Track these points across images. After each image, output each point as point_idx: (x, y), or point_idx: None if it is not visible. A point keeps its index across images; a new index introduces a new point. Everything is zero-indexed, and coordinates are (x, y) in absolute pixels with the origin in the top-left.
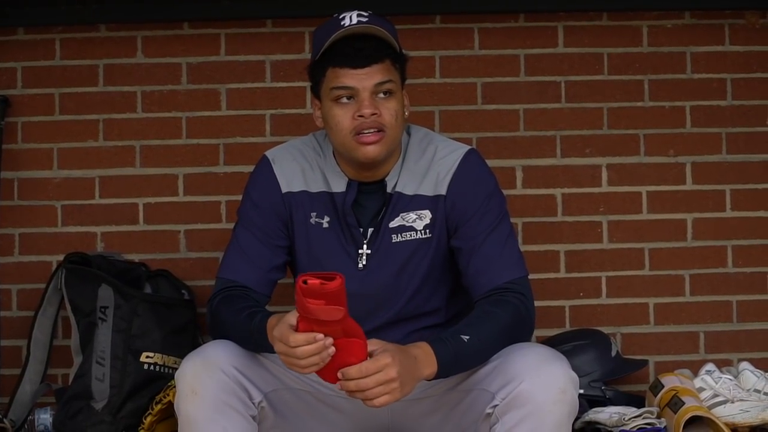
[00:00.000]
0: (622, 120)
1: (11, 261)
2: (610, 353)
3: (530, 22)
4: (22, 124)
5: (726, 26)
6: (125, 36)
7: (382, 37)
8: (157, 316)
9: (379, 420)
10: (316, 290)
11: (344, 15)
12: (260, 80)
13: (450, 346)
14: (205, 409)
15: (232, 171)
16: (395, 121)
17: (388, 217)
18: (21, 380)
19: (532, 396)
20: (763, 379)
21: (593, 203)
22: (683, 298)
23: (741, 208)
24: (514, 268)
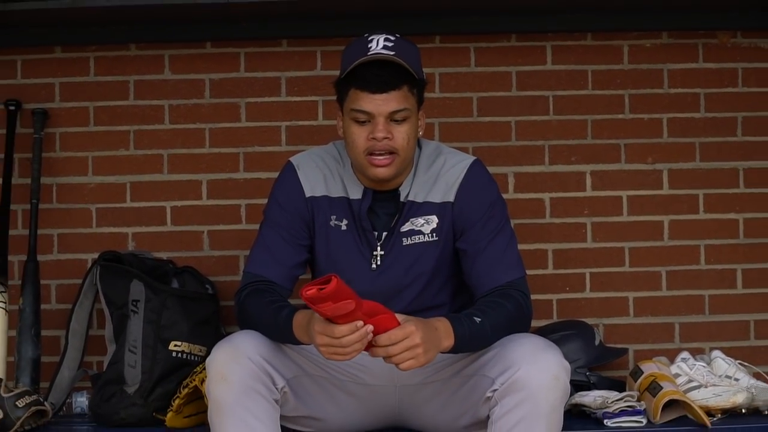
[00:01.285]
0: (604, 131)
1: (50, 259)
2: (593, 342)
3: (521, 41)
4: (59, 135)
5: (699, 45)
6: (153, 54)
7: (401, 64)
8: (183, 309)
9: (388, 403)
10: (317, 297)
11: (372, 38)
12: (276, 95)
13: (465, 325)
14: (233, 393)
15: (251, 177)
16: (407, 144)
17: (401, 223)
18: (60, 367)
19: (528, 382)
20: (734, 366)
21: (578, 206)
22: (660, 292)
23: (713, 211)
24: (514, 270)
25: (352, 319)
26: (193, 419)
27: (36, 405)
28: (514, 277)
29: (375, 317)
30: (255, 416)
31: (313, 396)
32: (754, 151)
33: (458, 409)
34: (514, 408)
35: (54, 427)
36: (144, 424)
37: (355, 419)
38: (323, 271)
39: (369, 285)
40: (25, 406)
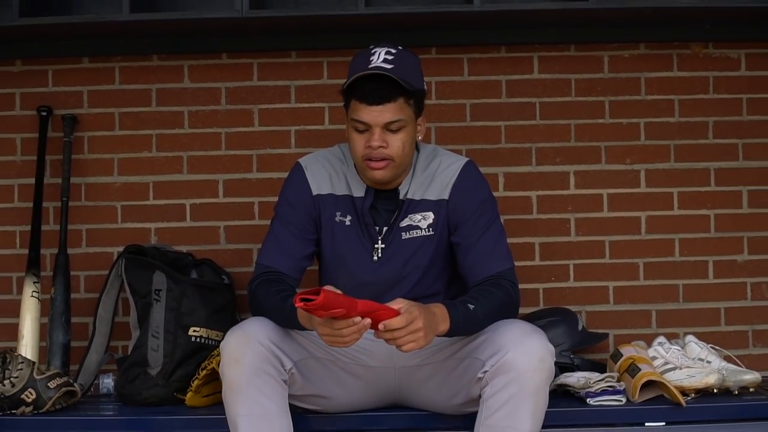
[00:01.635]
0: (586, 134)
1: (79, 252)
2: (577, 328)
3: (510, 53)
4: (87, 138)
5: (674, 55)
6: (174, 65)
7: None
8: (202, 297)
9: (388, 383)
10: (308, 309)
11: (375, 51)
12: (286, 102)
13: (460, 311)
14: (245, 375)
15: (263, 177)
16: (401, 151)
17: (400, 219)
18: (88, 351)
19: (516, 364)
20: (706, 350)
21: (562, 203)
22: (638, 281)
23: (686, 207)
24: (504, 261)
25: (348, 318)
26: (211, 398)
27: (66, 386)
28: (504, 267)
29: (372, 314)
30: (265, 395)
31: (318, 377)
32: (724, 152)
33: (452, 388)
34: (503, 388)
35: (82, 407)
36: (165, 403)
37: (358, 398)
38: (329, 262)
39: (371, 275)
40: (56, 387)
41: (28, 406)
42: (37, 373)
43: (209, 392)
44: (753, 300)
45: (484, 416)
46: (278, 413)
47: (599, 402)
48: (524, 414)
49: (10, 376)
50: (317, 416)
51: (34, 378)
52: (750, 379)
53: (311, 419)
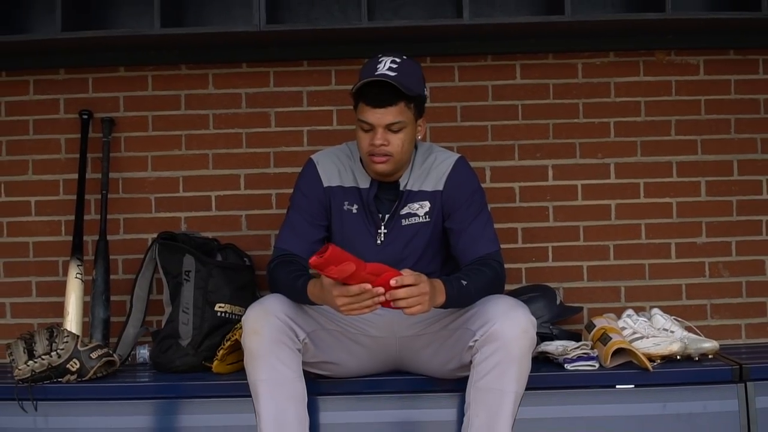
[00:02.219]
0: (563, 132)
1: (118, 238)
2: (555, 302)
3: (495, 61)
4: (124, 139)
5: (641, 62)
6: (200, 73)
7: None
8: (226, 277)
9: (389, 351)
10: (320, 263)
11: (382, 59)
12: (299, 105)
13: (455, 286)
14: (264, 344)
15: (279, 172)
16: (401, 149)
17: (400, 207)
18: (125, 325)
19: (502, 333)
20: (669, 321)
21: (542, 193)
22: (608, 261)
23: (651, 196)
24: (492, 244)
25: (360, 280)
26: (234, 366)
27: (106, 357)
28: (492, 249)
29: (381, 275)
30: (282, 362)
31: (328, 346)
32: (684, 148)
33: (446, 355)
34: (491, 355)
35: (121, 375)
36: (195, 370)
37: (363, 364)
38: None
39: (375, 257)
40: (98, 357)
41: (72, 374)
42: (81, 345)
43: (233, 360)
44: (710, 277)
45: (475, 379)
46: (293, 378)
47: (575, 367)
48: (510, 377)
49: (57, 348)
50: (327, 381)
51: (78, 350)
52: (709, 347)
53: (322, 383)
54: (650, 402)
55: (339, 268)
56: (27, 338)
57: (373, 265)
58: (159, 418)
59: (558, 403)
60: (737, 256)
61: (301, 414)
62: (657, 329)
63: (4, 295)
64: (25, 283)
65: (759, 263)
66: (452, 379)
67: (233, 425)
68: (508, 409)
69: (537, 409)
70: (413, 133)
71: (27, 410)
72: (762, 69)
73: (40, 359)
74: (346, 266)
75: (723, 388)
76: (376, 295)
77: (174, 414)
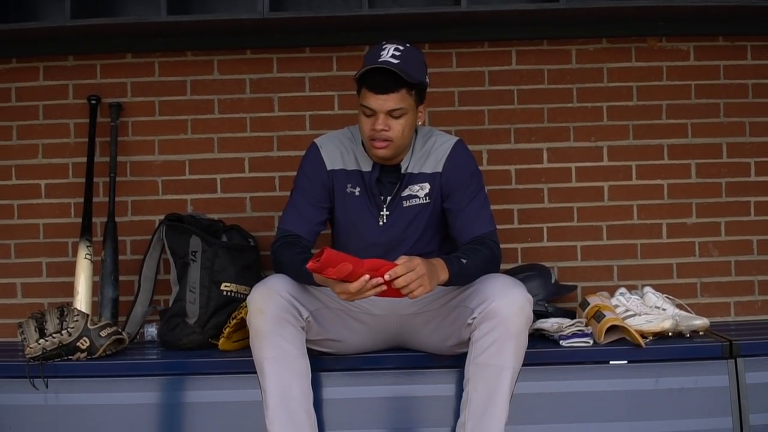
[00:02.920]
0: (557, 116)
1: (126, 220)
2: (550, 281)
3: (492, 47)
4: (131, 123)
5: (633, 48)
6: (205, 59)
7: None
8: (231, 258)
9: (390, 329)
10: (318, 267)
11: (386, 47)
12: (301, 90)
13: (455, 263)
14: (268, 323)
15: (282, 155)
16: (401, 134)
17: (401, 190)
18: (134, 304)
19: (500, 311)
20: (661, 299)
21: (537, 175)
22: (601, 241)
23: (643, 178)
24: (488, 224)
25: (359, 277)
26: (240, 343)
27: (115, 335)
28: (488, 230)
29: (379, 270)
30: (286, 340)
31: (331, 324)
32: (675, 131)
33: (445, 332)
34: (489, 332)
35: (130, 352)
36: (201, 348)
37: (364, 341)
38: (342, 227)
39: (377, 237)
40: (107, 335)
41: (82, 352)
42: (91, 323)
43: (238, 338)
44: (700, 257)
45: (474, 356)
46: (297, 355)
47: (570, 344)
48: (508, 353)
49: (67, 327)
50: (330, 357)
51: (88, 328)
52: (700, 324)
53: (325, 360)
54: (643, 377)
55: (337, 269)
56: (38, 317)
57: (370, 262)
58: (167, 395)
59: (553, 378)
60: (726, 236)
61: (305, 389)
62: (649, 307)
63: (15, 275)
64: (36, 264)
65: (747, 243)
66: (451, 356)
67: (239, 401)
68: (506, 384)
69: (533, 384)
70: (414, 119)
71: (38, 387)
72: (750, 55)
73: (51, 337)
74: (344, 267)
75: (714, 364)
76: (375, 285)
77: (181, 390)
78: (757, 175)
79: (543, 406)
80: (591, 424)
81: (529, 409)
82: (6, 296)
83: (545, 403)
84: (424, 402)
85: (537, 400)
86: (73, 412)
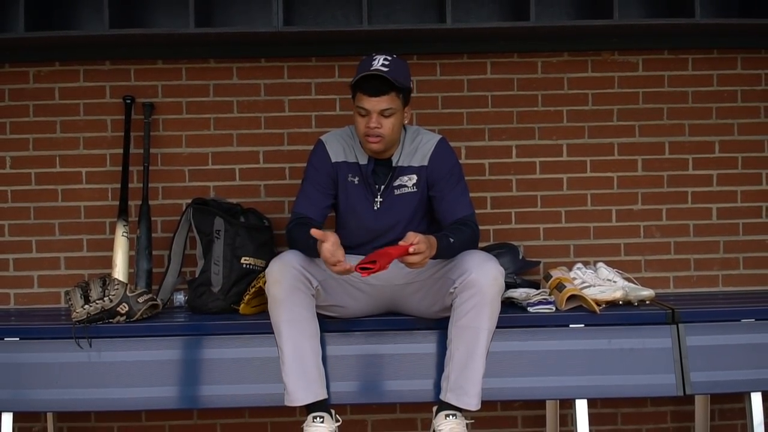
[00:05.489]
0: (525, 118)
1: (157, 203)
2: (518, 257)
3: (470, 59)
4: (162, 120)
5: (589, 61)
6: (226, 66)
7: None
8: (250, 236)
9: (385, 296)
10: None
11: (376, 57)
12: (308, 94)
13: (444, 241)
14: (284, 291)
15: (292, 149)
16: (391, 131)
17: (393, 180)
18: (165, 275)
19: (477, 281)
20: (612, 273)
21: (507, 168)
22: (561, 224)
23: (596, 171)
24: (468, 209)
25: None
26: (258, 308)
27: (150, 301)
28: (468, 213)
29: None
30: (299, 305)
31: (336, 292)
32: (625, 131)
33: (432, 300)
34: (468, 299)
35: (162, 316)
36: (224, 312)
37: (364, 307)
38: (343, 211)
39: (373, 221)
40: (144, 301)
41: (122, 316)
42: (129, 291)
43: (256, 304)
44: (645, 238)
45: (455, 319)
46: (309, 318)
47: (536, 310)
48: (484, 317)
49: (109, 294)
50: (335, 320)
51: (127, 295)
52: (646, 294)
53: (331, 323)
54: (598, 339)
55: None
56: (83, 286)
57: (382, 250)
58: (194, 352)
59: (522, 339)
60: (667, 221)
61: (315, 347)
62: (602, 279)
63: (59, 250)
64: (77, 240)
65: (685, 227)
66: (436, 319)
67: (256, 357)
68: (483, 343)
69: (505, 343)
70: (401, 118)
71: (83, 347)
72: (691, 66)
73: (95, 303)
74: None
75: (658, 329)
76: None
77: (207, 348)
78: (694, 169)
79: (514, 361)
80: (554, 377)
81: (502, 365)
82: (51, 268)
83: (516, 359)
84: (413, 358)
85: (509, 356)
86: (113, 367)
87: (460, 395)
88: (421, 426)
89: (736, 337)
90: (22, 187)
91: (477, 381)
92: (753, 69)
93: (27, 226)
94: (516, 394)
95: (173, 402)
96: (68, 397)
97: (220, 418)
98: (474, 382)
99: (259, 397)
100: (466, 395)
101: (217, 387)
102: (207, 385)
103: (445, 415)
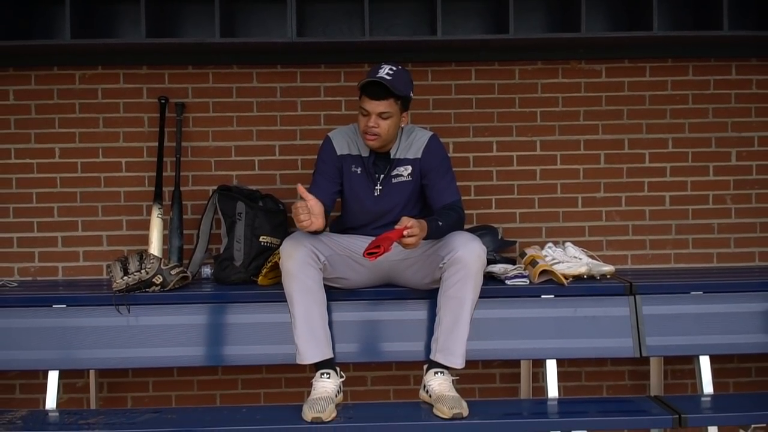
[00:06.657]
0: (504, 118)
1: (188, 189)
2: (498, 237)
3: (457, 66)
4: (192, 118)
5: (560, 69)
6: (247, 71)
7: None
8: (267, 218)
9: (382, 270)
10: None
11: (383, 66)
12: (318, 96)
13: (433, 224)
14: (296, 265)
15: (304, 143)
16: (387, 131)
17: (391, 170)
18: (194, 251)
19: (462, 258)
20: (578, 251)
21: (488, 161)
22: (534, 209)
23: (565, 164)
24: (456, 195)
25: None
26: (274, 280)
27: (182, 273)
28: (455, 198)
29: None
30: (309, 278)
31: (340, 266)
32: (589, 130)
33: (423, 273)
34: (455, 273)
35: (192, 286)
36: (245, 283)
37: (365, 279)
38: (348, 197)
39: (373, 205)
40: (176, 274)
41: (157, 286)
42: (163, 265)
43: (272, 276)
44: (606, 221)
45: (443, 290)
46: (317, 289)
47: (513, 283)
48: (468, 288)
49: (146, 267)
50: (340, 290)
51: (161, 268)
52: (607, 270)
53: (336, 293)
54: (565, 308)
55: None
56: (122, 260)
57: (384, 234)
58: (219, 317)
59: (500, 307)
60: (626, 207)
61: (323, 313)
62: (569, 257)
63: (101, 229)
64: (118, 221)
65: (641, 212)
66: (427, 290)
67: (272, 322)
68: (467, 311)
69: (486, 311)
70: (398, 122)
71: (122, 313)
72: (648, 73)
73: (133, 275)
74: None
75: (618, 299)
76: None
77: (229, 314)
78: (650, 162)
79: (493, 327)
80: (527, 341)
81: (484, 330)
82: (94, 245)
83: (495, 325)
84: (407, 323)
85: (490, 323)
86: (149, 330)
87: (447, 355)
88: (414, 381)
89: (686, 307)
90: (69, 174)
91: (462, 343)
92: (702, 75)
93: (74, 208)
94: (495, 355)
95: (200, 360)
96: (109, 356)
97: (241, 374)
98: (459, 344)
99: (275, 356)
100: (453, 355)
101: (238, 347)
102: (229, 346)
103: (434, 372)
